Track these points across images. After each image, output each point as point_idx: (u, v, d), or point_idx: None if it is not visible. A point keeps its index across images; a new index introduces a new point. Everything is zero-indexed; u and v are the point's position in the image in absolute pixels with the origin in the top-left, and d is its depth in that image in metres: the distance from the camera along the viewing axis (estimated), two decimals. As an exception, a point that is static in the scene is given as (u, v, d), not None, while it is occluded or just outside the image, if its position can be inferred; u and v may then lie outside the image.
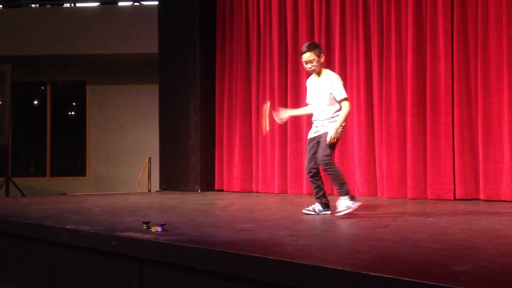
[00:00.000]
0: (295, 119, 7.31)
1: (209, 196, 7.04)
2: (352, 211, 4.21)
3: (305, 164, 4.57)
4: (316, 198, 4.51)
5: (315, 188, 4.50)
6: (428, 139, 6.14)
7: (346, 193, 4.25)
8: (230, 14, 8.21)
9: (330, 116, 4.41)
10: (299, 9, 7.43)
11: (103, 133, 11.84)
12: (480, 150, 5.84)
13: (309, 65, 4.47)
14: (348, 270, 2.20)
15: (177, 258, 2.90)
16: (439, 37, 6.12)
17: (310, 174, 4.48)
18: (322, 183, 4.51)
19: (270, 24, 7.73)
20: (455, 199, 5.95)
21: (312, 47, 4.48)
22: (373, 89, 6.63)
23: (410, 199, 6.15)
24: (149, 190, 9.28)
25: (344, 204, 4.22)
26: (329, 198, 4.57)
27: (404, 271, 2.23)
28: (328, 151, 4.31)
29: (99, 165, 11.83)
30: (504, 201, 5.61)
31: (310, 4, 7.32)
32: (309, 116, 6.37)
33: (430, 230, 3.49)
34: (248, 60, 8.00)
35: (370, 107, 6.64)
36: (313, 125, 4.57)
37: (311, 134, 4.55)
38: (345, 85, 6.81)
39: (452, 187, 5.99)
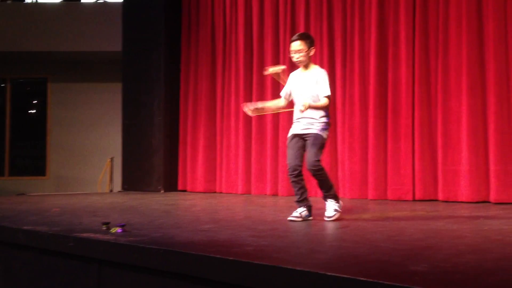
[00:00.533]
0: (260, 120, 7.34)
1: (172, 197, 7.00)
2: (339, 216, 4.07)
3: (288, 162, 4.14)
4: (300, 201, 4.12)
5: (299, 189, 4.09)
6: (389, 141, 6.24)
7: (333, 196, 4.11)
8: (195, 13, 8.18)
9: (319, 116, 4.12)
10: (265, 9, 7.46)
11: (65, 132, 11.63)
12: (439, 152, 5.97)
13: (296, 55, 4.16)
14: (307, 270, 2.22)
15: (136, 259, 2.88)
16: (401, 41, 6.23)
17: (296, 173, 4.08)
18: (305, 183, 4.16)
19: (236, 23, 7.73)
20: (414, 200, 6.06)
21: (303, 36, 4.21)
22: (336, 91, 6.69)
23: (371, 199, 6.24)
24: (111, 191, 9.17)
25: (332, 208, 4.07)
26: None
27: (362, 271, 2.26)
28: (319, 156, 4.06)
29: (60, 164, 11.61)
30: (461, 202, 5.74)
31: (275, 4, 7.35)
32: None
33: (388, 231, 3.55)
34: (214, 59, 7.98)
35: (333, 108, 6.70)
36: (296, 123, 4.23)
37: (296, 130, 4.19)
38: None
39: (412, 188, 6.10)
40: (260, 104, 4.47)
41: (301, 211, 4.10)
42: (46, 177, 11.68)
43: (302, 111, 4.09)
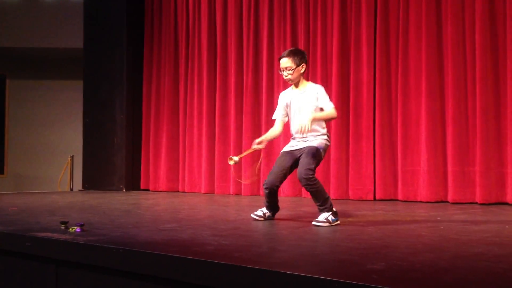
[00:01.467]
0: (223, 121, 7.33)
1: (134, 196, 6.93)
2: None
3: (268, 177, 3.97)
4: (268, 207, 4.10)
5: (270, 201, 4.04)
6: (350, 142, 6.33)
7: (329, 209, 3.80)
8: (158, 12, 8.12)
9: (318, 134, 3.93)
10: (228, 10, 7.46)
11: (24, 130, 11.36)
12: (399, 153, 6.08)
13: (285, 73, 3.92)
14: (267, 269, 2.23)
15: (95, 259, 2.84)
16: (363, 44, 6.32)
17: (272, 191, 3.95)
18: (277, 200, 4.09)
19: (199, 24, 7.71)
20: (375, 199, 6.16)
21: (292, 53, 3.92)
22: (299, 92, 6.74)
23: (332, 199, 6.27)
24: (71, 189, 9.01)
25: (325, 216, 3.77)
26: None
27: (321, 270, 2.29)
28: (312, 165, 3.78)
29: (19, 163, 11.34)
30: (420, 201, 5.87)
31: (239, 6, 7.36)
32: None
33: (348, 230, 3.60)
34: (176, 59, 7.94)
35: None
36: (292, 140, 4.04)
37: (288, 148, 4.01)
38: (272, 88, 6.98)
39: (373, 188, 6.20)
40: (262, 140, 4.04)
41: (265, 211, 4.10)
42: (4, 175, 11.38)
43: (304, 132, 3.77)
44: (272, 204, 4.09)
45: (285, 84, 6.81)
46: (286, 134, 4.47)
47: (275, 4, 7.04)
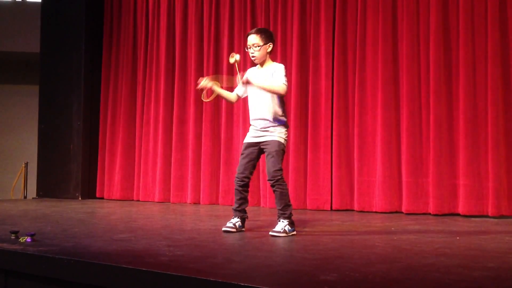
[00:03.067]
0: (182, 128, 7.29)
1: (89, 204, 6.80)
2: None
3: (238, 171, 4.01)
4: (238, 211, 4.02)
5: (240, 199, 4.01)
6: (308, 152, 6.39)
7: (288, 217, 3.85)
8: (117, 16, 8.02)
9: (277, 118, 3.95)
10: (189, 15, 7.44)
11: (-25, 135, 11.04)
12: (355, 163, 6.17)
13: (251, 50, 3.95)
14: (220, 280, 2.22)
15: (45, 270, 2.77)
16: (321, 55, 6.40)
17: (242, 183, 3.98)
18: (248, 195, 4.06)
19: (158, 28, 7.66)
20: (331, 209, 6.23)
21: (260, 31, 4.01)
22: (259, 101, 6.77)
23: (290, 209, 6.33)
24: (25, 197, 8.79)
25: (282, 226, 3.82)
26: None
27: (274, 281, 2.30)
28: (279, 165, 3.86)
29: (-30, 169, 10.99)
30: (375, 212, 5.97)
31: (200, 11, 7.35)
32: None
33: (304, 240, 3.63)
34: (135, 64, 7.86)
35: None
36: (252, 127, 4.05)
37: (250, 139, 4.03)
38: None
39: (329, 198, 6.26)
40: (216, 88, 4.04)
41: (235, 221, 4.02)
42: (-47, 182, 11.01)
43: (244, 83, 3.95)
44: (243, 201, 4.02)
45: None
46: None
47: (235, 13, 7.06)
